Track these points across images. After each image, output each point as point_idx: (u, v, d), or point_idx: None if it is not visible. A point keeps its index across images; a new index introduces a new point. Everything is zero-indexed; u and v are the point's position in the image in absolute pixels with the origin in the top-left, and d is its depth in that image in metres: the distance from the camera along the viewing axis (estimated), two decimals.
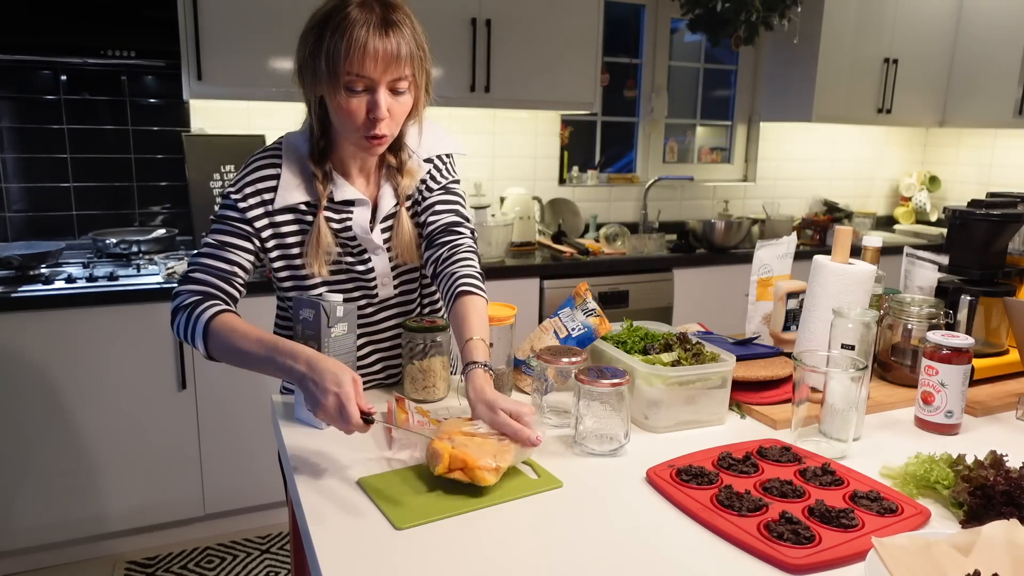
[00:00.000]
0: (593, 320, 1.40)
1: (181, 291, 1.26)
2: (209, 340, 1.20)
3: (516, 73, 3.01)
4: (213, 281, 1.26)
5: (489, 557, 0.88)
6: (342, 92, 1.19)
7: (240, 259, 1.29)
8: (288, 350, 1.11)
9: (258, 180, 1.30)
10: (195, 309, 1.22)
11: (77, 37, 2.42)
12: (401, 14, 1.20)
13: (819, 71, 3.54)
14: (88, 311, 2.32)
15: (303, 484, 1.06)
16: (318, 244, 1.30)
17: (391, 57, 1.17)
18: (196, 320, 1.21)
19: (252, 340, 1.16)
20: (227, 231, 1.29)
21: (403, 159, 1.37)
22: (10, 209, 2.72)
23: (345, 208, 1.34)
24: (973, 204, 1.63)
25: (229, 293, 1.28)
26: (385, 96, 1.20)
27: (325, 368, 1.06)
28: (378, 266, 1.38)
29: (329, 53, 1.16)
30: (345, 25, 1.15)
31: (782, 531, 0.91)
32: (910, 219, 4.32)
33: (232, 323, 1.20)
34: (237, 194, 1.30)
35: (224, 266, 1.28)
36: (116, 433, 2.42)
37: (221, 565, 2.50)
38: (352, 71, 1.16)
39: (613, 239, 3.27)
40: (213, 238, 1.29)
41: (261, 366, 1.15)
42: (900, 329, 1.49)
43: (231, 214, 1.30)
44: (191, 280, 1.27)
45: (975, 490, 0.96)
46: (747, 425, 1.31)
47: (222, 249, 1.28)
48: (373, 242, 1.36)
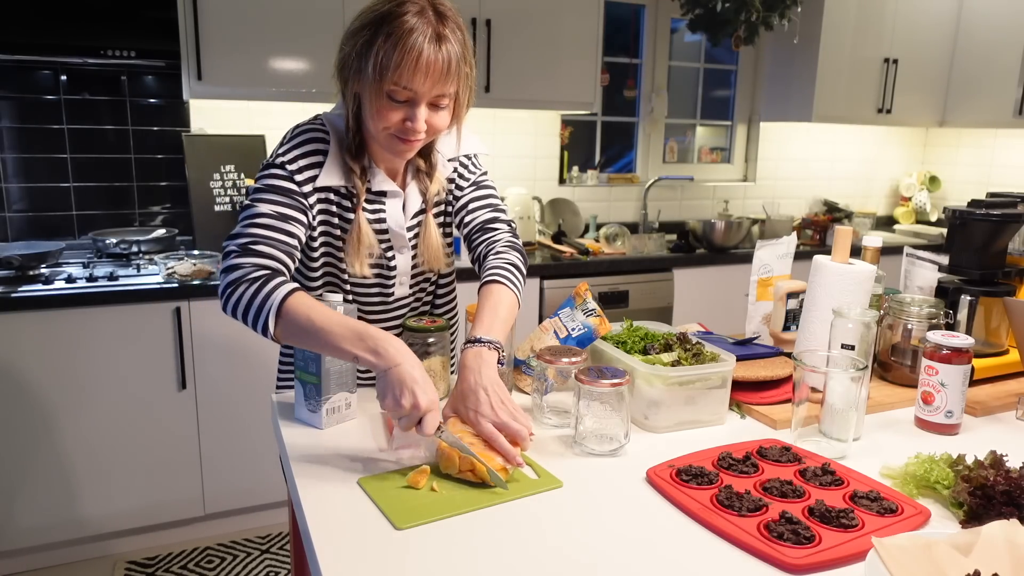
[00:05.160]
0: (593, 320, 1.40)
1: (242, 263, 1.16)
2: (282, 318, 1.11)
3: (516, 73, 3.01)
4: (278, 255, 1.18)
5: (489, 557, 0.88)
6: (384, 98, 1.16)
7: (299, 232, 1.22)
8: (378, 334, 1.08)
9: (310, 153, 1.25)
10: (267, 284, 1.13)
11: (77, 37, 2.42)
12: (454, 25, 1.17)
13: (819, 71, 3.54)
14: (88, 311, 2.32)
15: (303, 484, 1.06)
16: (359, 241, 1.27)
17: (440, 73, 1.14)
18: (269, 297, 1.12)
19: (335, 321, 1.10)
20: (283, 202, 1.21)
21: (433, 162, 1.35)
22: (10, 209, 2.72)
23: (378, 199, 1.32)
24: (973, 204, 1.63)
25: (291, 270, 1.21)
26: (424, 111, 1.18)
27: (417, 364, 1.08)
28: (400, 264, 1.37)
29: (378, 58, 1.13)
30: (400, 33, 1.12)
31: (782, 531, 0.91)
32: (910, 219, 4.32)
33: (310, 301, 1.13)
34: (291, 164, 1.23)
35: (286, 239, 1.20)
36: (116, 433, 2.42)
37: (221, 565, 2.50)
38: (400, 82, 1.14)
39: (613, 239, 3.27)
40: (269, 208, 1.20)
41: (340, 348, 1.09)
42: (900, 329, 1.49)
43: (284, 184, 1.22)
44: (253, 252, 1.17)
45: (975, 490, 0.96)
46: (747, 425, 1.31)
47: (282, 221, 1.20)
48: (403, 237, 1.34)
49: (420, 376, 1.07)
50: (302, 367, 1.24)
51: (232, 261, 1.17)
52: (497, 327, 1.23)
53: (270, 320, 1.11)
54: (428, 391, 1.07)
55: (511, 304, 1.28)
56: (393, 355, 1.07)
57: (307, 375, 1.23)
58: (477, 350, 1.18)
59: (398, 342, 1.10)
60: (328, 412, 1.24)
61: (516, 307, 1.30)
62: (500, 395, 1.14)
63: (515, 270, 1.34)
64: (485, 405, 1.12)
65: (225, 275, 1.16)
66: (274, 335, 1.13)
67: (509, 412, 1.12)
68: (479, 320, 1.24)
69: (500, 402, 1.13)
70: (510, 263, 1.34)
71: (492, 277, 1.30)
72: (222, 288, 1.16)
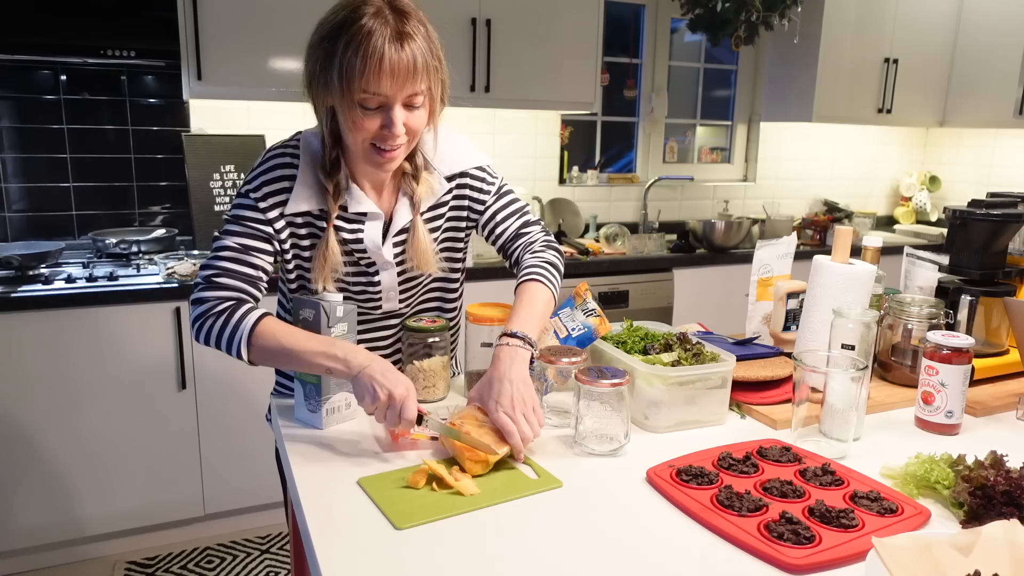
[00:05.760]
0: (593, 320, 1.40)
1: (207, 296, 1.22)
2: (253, 345, 1.19)
3: (516, 73, 3.01)
4: (241, 287, 1.23)
5: (489, 557, 0.88)
6: (356, 109, 1.15)
7: (263, 263, 1.26)
8: (346, 346, 1.16)
9: (275, 180, 1.25)
10: (233, 314, 1.20)
11: (77, 37, 2.42)
12: (415, 23, 1.15)
13: (819, 71, 3.54)
14: (88, 311, 2.32)
15: (303, 484, 1.06)
16: (325, 260, 1.27)
17: (407, 73, 1.12)
18: (238, 326, 1.19)
19: (303, 339, 1.18)
20: (248, 233, 1.24)
21: (418, 164, 1.33)
22: (10, 209, 2.72)
23: (358, 219, 1.30)
24: (973, 204, 1.63)
25: (256, 298, 1.25)
26: (400, 112, 1.16)
27: (387, 366, 1.14)
28: (385, 280, 1.36)
29: (342, 69, 1.11)
30: (360, 39, 1.10)
31: (782, 531, 0.91)
32: (910, 219, 4.32)
33: (277, 325, 1.20)
34: (256, 192, 1.24)
35: (249, 271, 1.24)
36: (116, 433, 2.42)
37: (221, 565, 2.50)
38: (368, 89, 1.12)
39: (613, 239, 3.27)
40: (234, 241, 1.24)
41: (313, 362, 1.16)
42: (900, 329, 1.49)
43: (250, 215, 1.25)
44: (217, 285, 1.22)
45: (975, 490, 0.96)
46: (747, 425, 1.31)
47: (245, 253, 1.24)
48: (383, 257, 1.33)
49: (389, 370, 1.13)
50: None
51: (199, 294, 1.23)
52: (533, 323, 1.27)
53: (243, 348, 1.19)
54: (400, 381, 1.12)
55: (547, 301, 1.33)
56: (361, 360, 1.14)
57: (307, 375, 1.23)
58: (513, 348, 1.21)
59: (365, 351, 1.17)
60: (328, 412, 1.24)
61: (552, 304, 1.35)
62: (524, 392, 1.16)
63: (550, 267, 1.38)
64: (506, 397, 1.15)
65: (194, 307, 1.24)
66: (249, 359, 1.21)
67: (524, 410, 1.14)
68: (516, 314, 1.27)
69: (521, 398, 1.15)
70: (546, 261, 1.38)
71: (528, 275, 1.35)
72: (192, 320, 1.24)
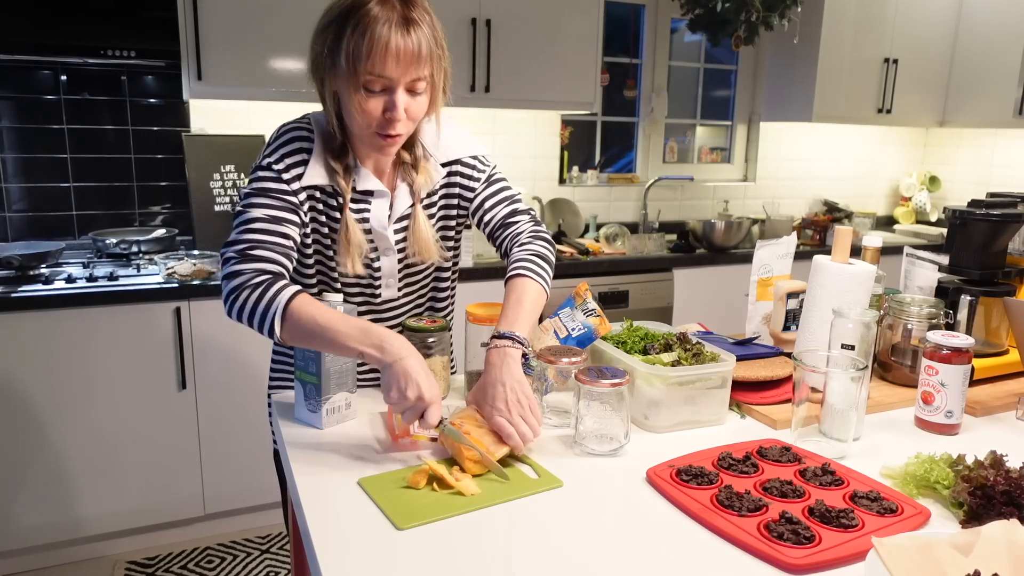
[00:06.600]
0: (593, 320, 1.40)
1: (243, 269, 1.18)
2: (287, 320, 1.15)
3: (516, 73, 3.01)
4: (276, 258, 1.21)
5: (489, 557, 0.88)
6: (361, 91, 1.17)
7: (293, 233, 1.24)
8: (382, 331, 1.13)
9: (295, 152, 1.26)
10: (269, 288, 1.16)
11: (77, 37, 2.42)
12: (421, 10, 1.18)
13: (819, 71, 3.54)
14: (88, 311, 2.32)
15: (303, 484, 1.06)
16: (348, 241, 1.28)
17: (412, 57, 1.15)
18: (274, 299, 1.15)
19: (339, 320, 1.13)
20: (275, 204, 1.23)
21: (418, 155, 1.35)
22: (10, 209, 2.72)
23: (364, 198, 1.32)
24: (973, 204, 1.63)
25: (289, 271, 1.23)
26: (403, 96, 1.19)
27: (422, 362, 1.11)
28: (385, 266, 1.37)
29: (349, 51, 1.14)
30: (366, 23, 1.13)
31: (782, 531, 0.91)
32: (910, 219, 4.32)
33: (312, 303, 1.16)
34: (278, 164, 1.25)
35: (282, 241, 1.22)
36: (116, 433, 2.42)
37: (221, 565, 2.50)
38: (373, 71, 1.15)
39: (613, 239, 3.27)
40: (263, 212, 1.22)
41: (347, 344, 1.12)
42: (900, 329, 1.49)
43: (274, 186, 1.24)
44: (252, 258, 1.19)
45: (975, 490, 0.96)
46: (747, 425, 1.31)
47: (276, 223, 1.22)
48: (387, 239, 1.34)
49: (424, 370, 1.11)
50: (302, 367, 1.24)
51: (232, 268, 1.19)
52: (522, 320, 1.25)
53: (276, 323, 1.15)
54: (432, 384, 1.10)
55: (536, 295, 1.31)
56: (398, 349, 1.11)
57: (307, 375, 1.23)
58: (502, 349, 1.20)
59: (402, 339, 1.14)
60: (328, 412, 1.24)
61: (542, 296, 1.33)
62: (519, 392, 1.16)
63: (539, 259, 1.36)
64: (501, 400, 1.15)
65: (227, 281, 1.19)
66: (280, 337, 1.16)
67: (521, 410, 1.14)
68: (504, 315, 1.26)
69: (516, 400, 1.15)
70: (534, 253, 1.37)
71: (515, 271, 1.33)
72: (225, 294, 1.19)
